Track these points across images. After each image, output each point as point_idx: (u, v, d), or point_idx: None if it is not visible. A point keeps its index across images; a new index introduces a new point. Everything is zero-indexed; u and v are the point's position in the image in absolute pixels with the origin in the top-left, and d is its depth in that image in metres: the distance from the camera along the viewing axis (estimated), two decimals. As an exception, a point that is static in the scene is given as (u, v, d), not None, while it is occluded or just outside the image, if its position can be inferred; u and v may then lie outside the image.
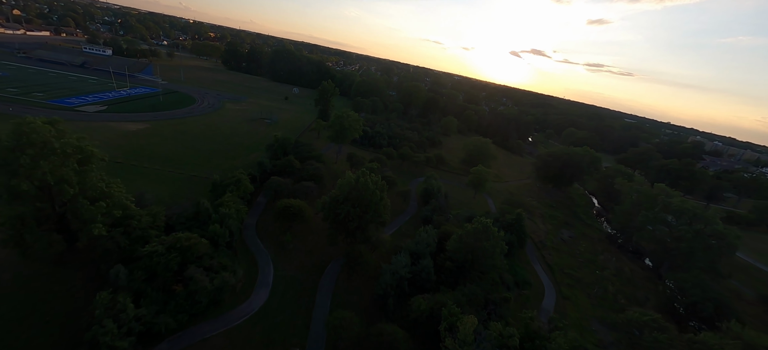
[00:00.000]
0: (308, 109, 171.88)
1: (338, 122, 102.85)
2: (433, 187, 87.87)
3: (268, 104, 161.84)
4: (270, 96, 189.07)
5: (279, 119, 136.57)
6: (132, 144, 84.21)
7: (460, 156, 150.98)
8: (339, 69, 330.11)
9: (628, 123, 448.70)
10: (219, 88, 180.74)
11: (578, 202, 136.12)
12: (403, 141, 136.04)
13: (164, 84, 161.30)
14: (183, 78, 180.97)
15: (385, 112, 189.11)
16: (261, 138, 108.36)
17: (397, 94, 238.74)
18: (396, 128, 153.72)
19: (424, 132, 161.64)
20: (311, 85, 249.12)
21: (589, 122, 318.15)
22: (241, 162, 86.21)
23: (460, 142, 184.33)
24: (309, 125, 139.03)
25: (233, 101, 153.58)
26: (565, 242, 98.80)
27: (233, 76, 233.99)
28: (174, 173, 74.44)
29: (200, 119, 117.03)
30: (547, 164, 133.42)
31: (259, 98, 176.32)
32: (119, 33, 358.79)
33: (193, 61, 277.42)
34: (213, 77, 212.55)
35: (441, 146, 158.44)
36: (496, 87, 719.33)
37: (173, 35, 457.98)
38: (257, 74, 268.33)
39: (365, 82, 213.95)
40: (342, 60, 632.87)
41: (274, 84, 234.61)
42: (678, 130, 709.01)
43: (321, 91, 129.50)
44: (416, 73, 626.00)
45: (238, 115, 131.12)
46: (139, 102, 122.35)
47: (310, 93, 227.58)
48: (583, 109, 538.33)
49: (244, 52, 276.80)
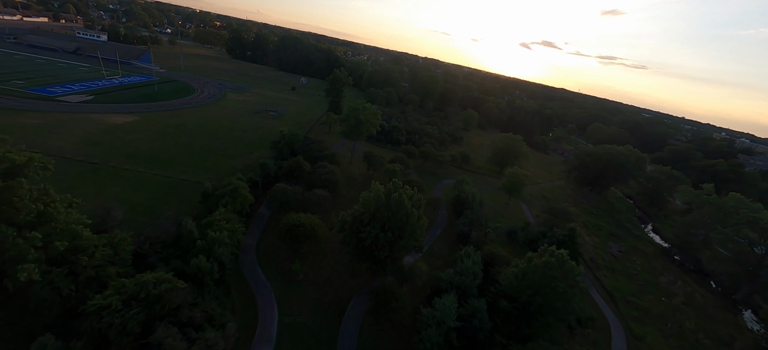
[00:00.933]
0: (317, 100, 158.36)
1: (353, 116, 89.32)
2: (466, 194, 74.23)
3: (273, 95, 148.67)
4: (276, 86, 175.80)
5: (285, 111, 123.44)
6: (115, 140, 71.81)
7: (486, 154, 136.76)
8: (349, 59, 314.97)
9: (649, 118, 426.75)
10: (221, 77, 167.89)
11: (619, 208, 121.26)
12: (423, 137, 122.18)
13: (162, 72, 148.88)
14: (183, 66, 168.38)
15: (400, 104, 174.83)
16: (265, 133, 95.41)
17: (411, 85, 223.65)
18: (414, 121, 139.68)
19: (444, 127, 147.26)
20: (320, 75, 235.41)
21: (612, 116, 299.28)
22: (241, 163, 73.37)
23: (482, 138, 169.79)
24: (318, 118, 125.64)
25: (236, 91, 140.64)
26: (617, 259, 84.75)
27: (237, 65, 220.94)
28: (159, 175, 61.88)
29: (198, 110, 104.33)
30: (585, 165, 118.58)
31: (264, 88, 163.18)
32: (121, 20, 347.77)
33: (197, 50, 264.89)
34: (216, 66, 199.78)
35: (462, 142, 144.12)
36: (507, 80, 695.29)
37: (177, 23, 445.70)
38: (263, 63, 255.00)
39: (377, 72, 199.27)
40: (350, 50, 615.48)
41: (280, 74, 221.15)
42: (694, 125, 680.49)
43: (332, 80, 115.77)
44: (426, 64, 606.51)
45: (240, 107, 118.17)
46: (131, 91, 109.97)
47: (318, 83, 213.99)
48: (599, 103, 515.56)
49: (249, 40, 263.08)
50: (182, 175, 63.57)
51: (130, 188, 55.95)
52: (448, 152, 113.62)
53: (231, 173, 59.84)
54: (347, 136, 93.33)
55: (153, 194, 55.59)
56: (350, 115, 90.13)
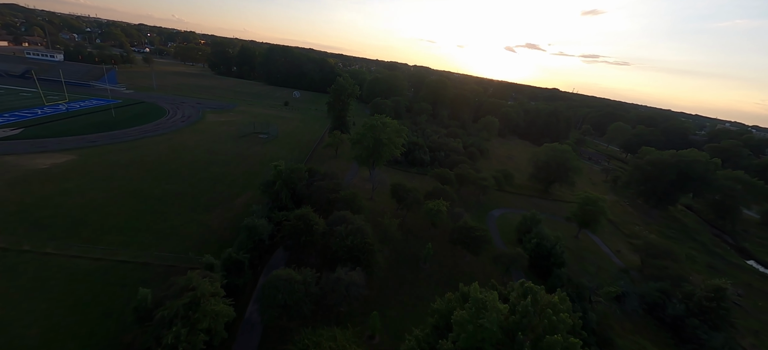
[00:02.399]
0: (315, 116, 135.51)
1: (370, 135, 66.67)
2: (549, 242, 51.35)
3: (263, 113, 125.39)
4: (266, 102, 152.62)
5: (279, 131, 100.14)
6: (26, 196, 47.65)
7: (519, 167, 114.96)
8: (345, 68, 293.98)
9: (652, 113, 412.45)
10: (202, 95, 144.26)
11: (690, 226, 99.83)
12: (449, 153, 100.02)
13: (128, 94, 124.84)
14: (156, 86, 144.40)
15: (409, 115, 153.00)
16: (254, 165, 71.91)
17: (416, 92, 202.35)
18: (432, 134, 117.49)
19: (467, 138, 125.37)
20: (314, 87, 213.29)
21: (626, 113, 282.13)
22: (220, 218, 49.71)
23: (506, 147, 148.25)
24: (321, 138, 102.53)
25: (218, 111, 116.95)
26: (743, 307, 62.47)
27: (221, 82, 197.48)
28: (80, 259, 37.90)
29: (165, 139, 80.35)
30: (648, 176, 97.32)
31: (252, 104, 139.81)
32: (96, 41, 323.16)
33: (177, 67, 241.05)
34: (196, 83, 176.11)
35: (489, 155, 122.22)
36: (499, 84, 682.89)
37: (158, 42, 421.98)
38: (250, 78, 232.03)
39: (380, 80, 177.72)
40: (340, 62, 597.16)
41: (270, 88, 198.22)
42: (688, 117, 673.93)
43: (335, 91, 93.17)
44: (418, 72, 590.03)
45: (221, 130, 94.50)
46: (77, 120, 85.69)
47: (313, 96, 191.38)
48: (598, 101, 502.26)
49: (234, 54, 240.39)
50: (120, 253, 39.59)
51: (17, 292, 31.91)
52: (485, 170, 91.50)
53: (200, 242, 36.29)
54: (362, 162, 70.51)
55: (56, 303, 31.56)
56: (366, 134, 67.39)
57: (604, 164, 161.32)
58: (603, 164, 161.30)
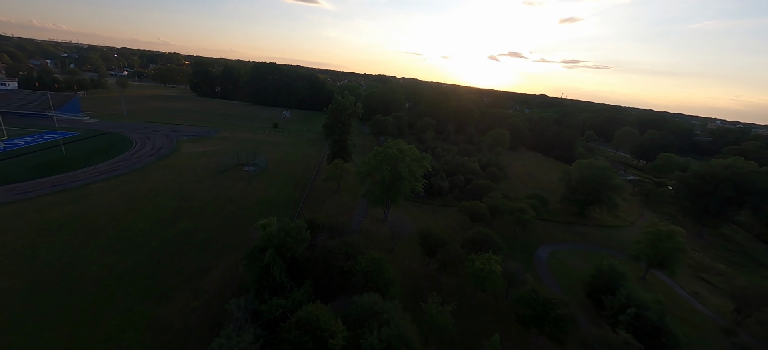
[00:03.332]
0: (308, 138, 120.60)
1: (386, 167, 52.08)
2: (653, 313, 36.87)
3: (249, 138, 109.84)
4: (252, 124, 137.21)
5: (268, 161, 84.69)
6: None
7: (551, 186, 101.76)
8: (334, 84, 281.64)
9: (645, 113, 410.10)
10: (180, 120, 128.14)
11: (749, 246, 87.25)
12: (468, 175, 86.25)
13: (92, 123, 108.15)
14: (126, 112, 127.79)
15: (413, 131, 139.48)
16: (235, 213, 56.20)
17: (413, 106, 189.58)
18: (444, 154, 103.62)
19: (481, 155, 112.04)
20: (305, 106, 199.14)
21: (623, 117, 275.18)
22: (180, 312, 33.80)
23: (522, 163, 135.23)
24: (317, 166, 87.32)
25: (196, 139, 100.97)
26: None
27: (203, 104, 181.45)
28: None
29: (124, 182, 64.10)
30: (699, 192, 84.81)
31: (236, 128, 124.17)
32: (70, 66, 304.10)
33: (156, 90, 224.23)
34: (175, 107, 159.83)
35: (508, 174, 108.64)
36: (495, 93, 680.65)
37: (138, 65, 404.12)
38: (235, 99, 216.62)
39: (376, 95, 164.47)
40: (329, 77, 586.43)
41: (256, 108, 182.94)
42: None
43: (333, 111, 78.51)
44: (407, 84, 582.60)
45: (198, 164, 78.58)
46: (15, 163, 68.81)
47: (304, 115, 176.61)
48: (585, 105, 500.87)
49: (217, 73, 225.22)
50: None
51: None
52: (510, 193, 77.72)
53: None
54: (375, 201, 55.68)
55: None
56: (380, 167, 52.74)
57: (620, 174, 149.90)
58: (620, 174, 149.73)
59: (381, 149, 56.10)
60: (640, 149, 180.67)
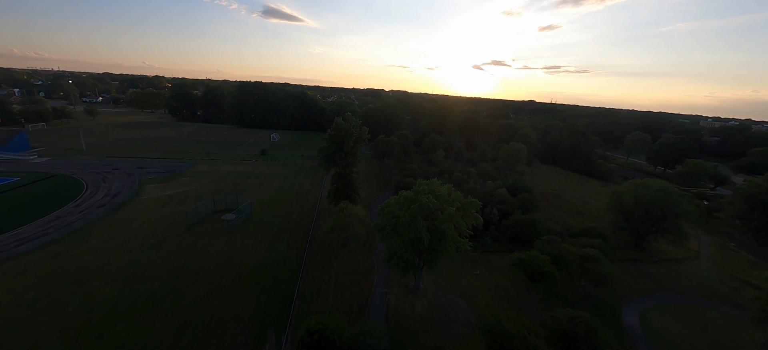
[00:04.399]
0: (302, 166, 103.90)
1: (420, 224, 36.15)
2: None
3: (232, 170, 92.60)
4: (237, 152, 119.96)
5: (254, 203, 67.67)
6: None
7: (596, 211, 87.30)
8: (328, 100, 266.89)
9: (646, 115, 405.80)
10: (150, 152, 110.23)
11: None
12: (500, 205, 70.92)
13: (40, 163, 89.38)
14: (86, 146, 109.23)
15: (420, 151, 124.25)
16: (204, 304, 38.86)
17: (413, 121, 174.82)
18: (464, 178, 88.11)
19: (504, 178, 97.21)
20: (296, 126, 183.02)
21: (624, 120, 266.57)
22: None
23: (540, 180, 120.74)
24: (317, 206, 70.48)
25: (165, 178, 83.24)
26: None
27: (182, 130, 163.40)
28: None
29: (50, 255, 46.25)
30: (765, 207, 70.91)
31: (217, 159, 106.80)
32: (39, 94, 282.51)
33: (132, 117, 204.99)
34: (148, 135, 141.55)
35: (538, 198, 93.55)
36: (482, 101, 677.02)
37: (116, 90, 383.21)
38: (219, 122, 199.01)
39: (374, 112, 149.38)
40: (318, 94, 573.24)
41: (242, 132, 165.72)
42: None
43: (334, 139, 62.57)
44: (397, 97, 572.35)
45: (161, 215, 61.03)
46: None
47: (295, 137, 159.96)
48: (579, 110, 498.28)
49: (198, 95, 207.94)
50: None
51: None
52: (546, 222, 62.49)
53: None
54: (405, 270, 39.33)
55: None
56: (413, 222, 36.70)
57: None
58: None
59: (410, 195, 40.20)
60: (657, 154, 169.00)
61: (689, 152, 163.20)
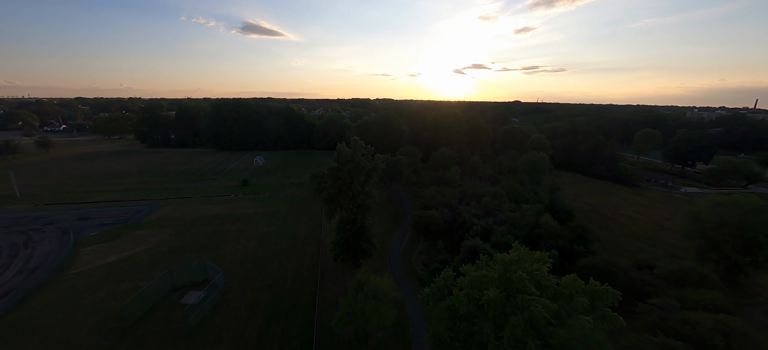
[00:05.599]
0: (293, 199, 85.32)
1: (498, 316, 18.61)
2: None
3: (204, 215, 73.24)
4: (213, 184, 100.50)
5: (232, 267, 49.10)
6: None
7: (654, 233, 72.05)
8: (313, 114, 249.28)
9: (635, 110, 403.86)
10: (105, 192, 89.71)
11: None
12: (554, 240, 54.85)
13: (-54, 222, 67.98)
14: (18, 192, 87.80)
15: (429, 167, 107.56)
16: None
17: (411, 132, 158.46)
18: (496, 206, 71.43)
19: (535, 194, 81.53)
20: (282, 145, 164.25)
21: (633, 116, 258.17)
22: None
23: (567, 190, 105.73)
24: (319, 271, 52.30)
25: (113, 233, 63.41)
26: None
27: (149, 158, 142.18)
28: None
29: None
30: None
31: (187, 197, 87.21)
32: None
33: (94, 146, 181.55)
34: (107, 169, 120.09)
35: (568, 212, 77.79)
36: (470, 104, 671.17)
37: (82, 116, 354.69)
38: (194, 146, 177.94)
39: (371, 125, 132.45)
40: (303, 107, 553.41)
41: (220, 157, 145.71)
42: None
43: (338, 174, 45.10)
44: (383, 105, 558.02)
45: (90, 304, 41.69)
46: None
47: (282, 159, 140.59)
48: (569, 108, 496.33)
49: (170, 116, 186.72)
50: None
51: None
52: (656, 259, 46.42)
53: None
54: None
55: None
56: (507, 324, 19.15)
57: (670, 185, 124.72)
58: (670, 186, 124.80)
59: (492, 282, 22.97)
60: (675, 152, 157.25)
61: (709, 147, 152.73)
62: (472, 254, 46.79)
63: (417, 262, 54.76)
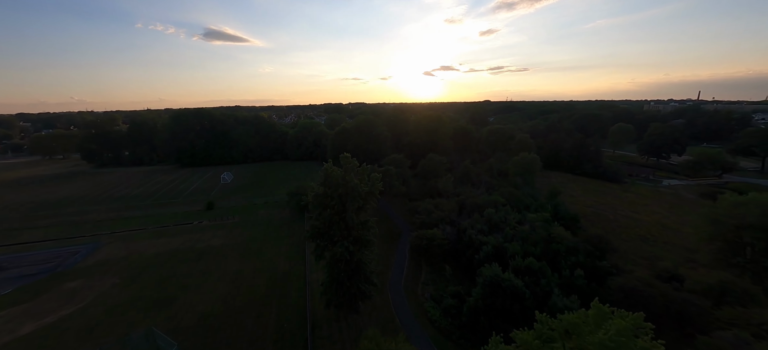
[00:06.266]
0: (269, 224, 73.69)
1: None
2: None
3: (159, 253, 60.31)
4: (171, 211, 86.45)
5: (193, 326, 37.89)
6: None
7: (666, 237, 67.88)
8: (285, 121, 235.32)
9: (595, 104, 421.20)
10: (31, 230, 73.43)
11: None
12: (579, 258, 48.31)
13: None
14: None
15: (419, 175, 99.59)
16: None
17: (392, 137, 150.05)
18: (502, 218, 64.25)
19: (535, 199, 75.63)
20: (251, 158, 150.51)
21: (602, 111, 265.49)
22: None
23: (563, 192, 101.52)
24: (309, 323, 42.06)
25: (36, 285, 49.56)
26: None
27: (96, 181, 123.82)
28: None
29: None
30: None
31: (140, 229, 73.19)
32: None
33: (30, 170, 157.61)
34: (40, 197, 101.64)
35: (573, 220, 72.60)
36: (441, 105, 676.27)
37: (19, 135, 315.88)
38: (152, 163, 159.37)
39: (350, 133, 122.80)
40: (274, 114, 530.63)
41: (181, 175, 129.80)
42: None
43: (325, 203, 35.44)
44: (357, 109, 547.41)
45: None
46: None
47: (253, 174, 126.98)
48: (537, 105, 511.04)
49: (121, 131, 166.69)
50: None
51: None
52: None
53: None
54: None
55: None
56: None
57: (653, 179, 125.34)
58: (652, 179, 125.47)
59: None
60: (650, 145, 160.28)
61: (682, 139, 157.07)
62: (495, 287, 38.71)
63: (425, 296, 46.05)
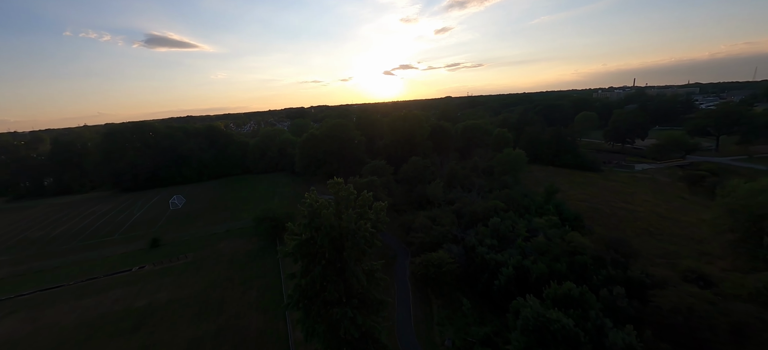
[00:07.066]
0: (233, 260, 59.67)
1: None
2: None
3: (84, 316, 44.77)
4: (104, 252, 68.90)
5: None
6: None
7: (675, 230, 63.97)
8: (243, 130, 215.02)
9: (566, 94, 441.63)
10: None
11: None
12: (609, 272, 41.38)
13: None
14: None
15: (401, 180, 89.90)
16: None
17: (365, 141, 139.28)
18: (509, 228, 56.36)
19: (533, 201, 69.28)
20: (207, 175, 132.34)
21: (559, 101, 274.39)
22: None
23: (571, 195, 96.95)
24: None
25: None
26: None
27: (6, 220, 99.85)
28: None
29: None
30: None
31: (58, 286, 55.99)
32: None
33: None
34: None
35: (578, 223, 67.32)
36: (406, 104, 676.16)
37: None
38: (83, 191, 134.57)
39: (320, 139, 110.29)
40: (231, 123, 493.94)
41: (119, 204, 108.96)
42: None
43: (311, 252, 24.67)
44: (320, 112, 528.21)
45: None
46: None
47: (209, 195, 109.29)
48: (506, 99, 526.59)
49: (43, 154, 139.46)
50: None
51: None
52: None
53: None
54: None
55: None
56: None
57: (623, 165, 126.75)
58: (624, 165, 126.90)
59: None
60: (616, 131, 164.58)
61: (643, 124, 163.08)
62: (541, 332, 29.93)
63: (445, 346, 36.44)
